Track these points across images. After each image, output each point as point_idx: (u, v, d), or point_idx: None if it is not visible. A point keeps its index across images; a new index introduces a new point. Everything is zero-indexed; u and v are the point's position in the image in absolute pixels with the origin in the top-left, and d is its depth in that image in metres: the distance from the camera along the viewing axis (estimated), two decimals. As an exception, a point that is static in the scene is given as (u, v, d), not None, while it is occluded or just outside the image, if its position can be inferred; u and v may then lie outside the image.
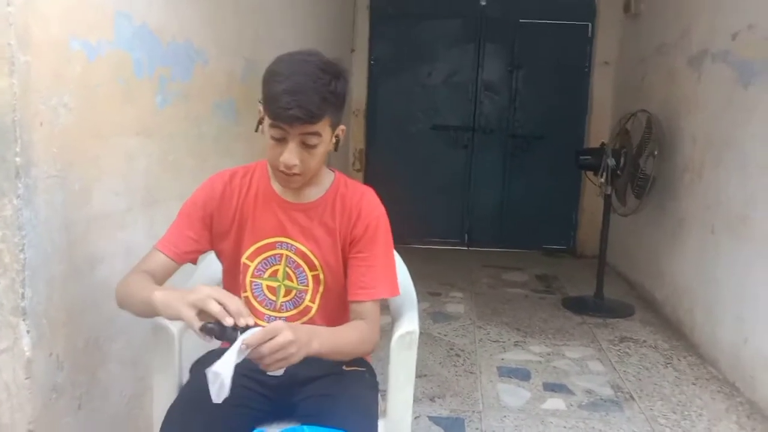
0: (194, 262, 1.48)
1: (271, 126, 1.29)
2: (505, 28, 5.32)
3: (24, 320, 1.34)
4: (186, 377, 1.48)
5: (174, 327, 1.46)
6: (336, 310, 1.49)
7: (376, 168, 5.53)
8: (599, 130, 5.13)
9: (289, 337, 1.16)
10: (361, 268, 1.43)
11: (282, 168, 1.32)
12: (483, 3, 5.33)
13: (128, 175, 1.74)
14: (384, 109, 5.56)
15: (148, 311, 1.26)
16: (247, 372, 1.39)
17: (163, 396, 1.45)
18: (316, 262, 1.43)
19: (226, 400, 1.14)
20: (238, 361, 1.14)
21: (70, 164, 1.47)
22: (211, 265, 1.59)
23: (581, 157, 4.06)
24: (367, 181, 5.45)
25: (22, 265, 1.33)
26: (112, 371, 1.70)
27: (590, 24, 5.29)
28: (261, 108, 1.33)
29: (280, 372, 1.20)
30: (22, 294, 1.33)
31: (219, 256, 1.52)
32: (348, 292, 1.44)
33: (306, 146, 1.30)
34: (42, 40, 1.35)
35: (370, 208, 1.44)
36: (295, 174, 1.33)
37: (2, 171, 1.28)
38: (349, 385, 1.41)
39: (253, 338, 1.14)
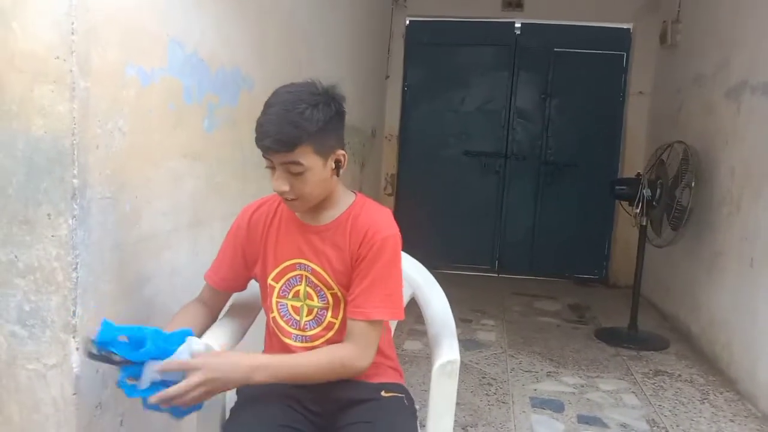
0: (241, 289, 1.55)
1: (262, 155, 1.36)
2: (539, 57, 5.35)
3: (74, 337, 1.38)
4: (232, 397, 1.50)
5: (217, 346, 1.48)
6: None
7: (408, 192, 5.55)
8: (633, 160, 5.11)
9: (194, 381, 1.22)
10: (359, 288, 1.39)
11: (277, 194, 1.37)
12: (518, 32, 5.37)
13: (176, 196, 1.78)
14: (417, 134, 5.59)
15: None
16: (293, 393, 1.42)
17: (207, 411, 1.46)
18: (331, 282, 1.44)
19: (273, 419, 1.16)
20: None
21: (123, 186, 1.51)
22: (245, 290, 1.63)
23: (617, 188, 4.03)
24: (398, 205, 5.47)
25: (74, 283, 1.36)
26: (153, 389, 1.72)
27: (625, 54, 5.30)
28: None
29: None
30: (74, 312, 1.37)
31: (256, 280, 1.55)
32: (347, 309, 1.42)
33: (292, 174, 1.33)
34: (100, 66, 1.39)
35: (378, 228, 1.41)
36: (292, 199, 1.36)
37: (60, 192, 1.33)
38: (389, 412, 1.42)
39: (168, 365, 1.24)
